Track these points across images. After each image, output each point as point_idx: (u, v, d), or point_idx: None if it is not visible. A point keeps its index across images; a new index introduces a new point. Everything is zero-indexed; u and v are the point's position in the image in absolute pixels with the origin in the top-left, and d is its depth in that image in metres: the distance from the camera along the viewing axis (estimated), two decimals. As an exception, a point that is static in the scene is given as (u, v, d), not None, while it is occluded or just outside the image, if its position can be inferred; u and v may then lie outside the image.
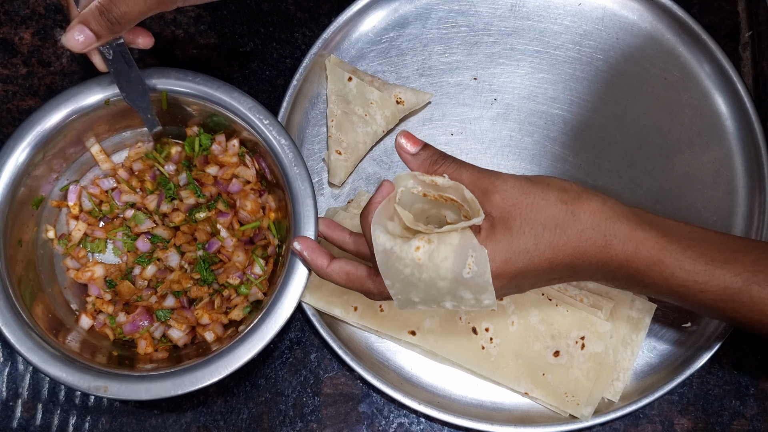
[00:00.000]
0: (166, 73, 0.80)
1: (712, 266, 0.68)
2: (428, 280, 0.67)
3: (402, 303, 0.70)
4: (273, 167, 0.81)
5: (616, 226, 0.68)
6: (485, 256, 0.66)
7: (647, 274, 0.69)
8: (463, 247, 0.66)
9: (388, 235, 0.67)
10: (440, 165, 0.69)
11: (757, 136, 0.88)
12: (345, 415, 0.84)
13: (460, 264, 0.66)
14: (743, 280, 0.68)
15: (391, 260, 0.67)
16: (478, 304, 0.69)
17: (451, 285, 0.67)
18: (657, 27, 0.92)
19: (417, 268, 0.66)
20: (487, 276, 0.66)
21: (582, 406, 0.82)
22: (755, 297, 0.68)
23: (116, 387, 0.74)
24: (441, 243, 0.66)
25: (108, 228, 0.84)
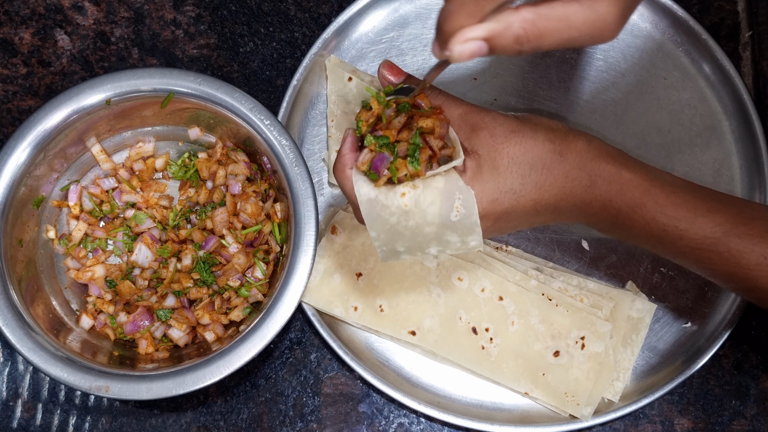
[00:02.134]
0: (167, 73, 0.80)
1: (693, 214, 0.68)
2: (414, 227, 0.66)
3: (386, 254, 0.69)
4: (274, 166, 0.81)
5: (601, 167, 0.68)
6: (472, 197, 0.65)
7: (629, 216, 0.69)
8: (449, 189, 0.65)
9: (371, 184, 0.66)
10: (430, 97, 0.68)
11: (757, 136, 0.88)
12: (345, 415, 0.84)
13: (448, 207, 0.65)
14: (723, 230, 0.68)
15: (376, 210, 0.66)
16: (464, 245, 0.68)
17: (438, 230, 0.66)
18: (657, 27, 0.92)
19: (404, 215, 0.65)
20: (474, 217, 0.65)
21: (582, 406, 0.82)
22: (733, 249, 0.68)
23: (117, 387, 0.74)
24: (426, 188, 0.65)
25: (108, 228, 0.84)
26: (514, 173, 0.67)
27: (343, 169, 0.67)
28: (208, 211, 0.83)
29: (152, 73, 0.80)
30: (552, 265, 0.86)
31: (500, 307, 0.84)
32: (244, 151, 0.85)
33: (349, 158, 0.67)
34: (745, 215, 0.69)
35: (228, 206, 0.82)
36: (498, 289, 0.84)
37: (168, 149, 0.87)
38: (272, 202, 0.83)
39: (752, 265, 0.68)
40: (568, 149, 0.68)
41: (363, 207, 0.66)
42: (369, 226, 0.66)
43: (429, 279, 0.84)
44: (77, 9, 0.92)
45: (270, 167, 0.82)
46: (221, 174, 0.84)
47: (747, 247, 0.68)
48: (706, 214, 0.69)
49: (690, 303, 0.86)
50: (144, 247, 0.82)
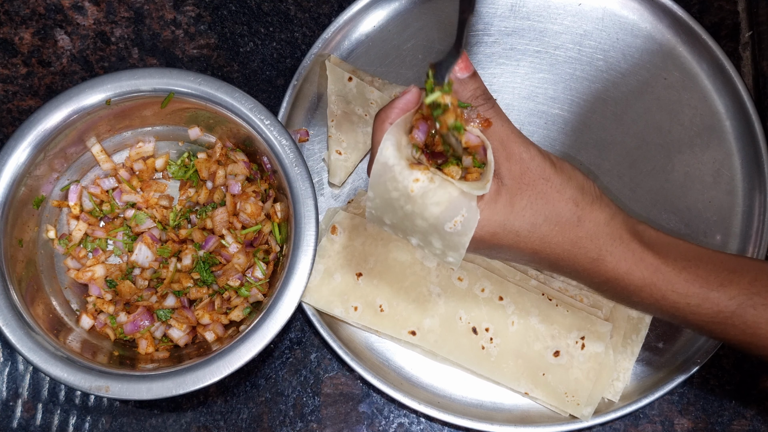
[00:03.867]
0: (167, 73, 0.80)
1: (706, 288, 0.67)
2: (410, 212, 0.65)
3: (372, 218, 0.68)
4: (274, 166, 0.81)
5: (614, 244, 0.67)
6: (475, 221, 0.64)
7: (636, 293, 0.68)
8: (459, 202, 0.64)
9: (397, 152, 0.64)
10: (484, 106, 0.65)
11: (757, 136, 0.88)
12: (345, 415, 0.84)
13: (448, 216, 0.64)
14: (737, 303, 0.67)
15: (385, 176, 0.64)
16: (443, 256, 0.67)
17: (428, 228, 0.65)
18: (657, 27, 0.92)
19: (406, 197, 0.64)
20: (466, 239, 0.64)
21: (582, 406, 0.82)
22: (749, 321, 0.67)
23: (118, 387, 0.74)
24: (441, 187, 0.63)
25: (108, 228, 0.84)
26: (527, 218, 0.65)
27: (384, 121, 0.65)
28: (208, 211, 0.83)
29: (152, 73, 0.80)
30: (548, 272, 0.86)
31: (500, 307, 0.84)
32: (243, 151, 0.85)
33: (395, 115, 0.65)
34: (760, 283, 0.67)
35: (228, 206, 0.82)
36: (498, 289, 0.84)
37: (168, 149, 0.87)
38: (272, 202, 0.83)
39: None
40: (588, 217, 0.66)
41: (376, 166, 0.64)
42: (371, 185, 0.65)
43: (429, 279, 0.84)
44: (77, 9, 0.92)
45: (270, 167, 0.82)
46: (221, 174, 0.84)
47: (763, 318, 0.67)
48: (719, 288, 0.67)
49: (690, 303, 0.86)
50: (144, 247, 0.82)
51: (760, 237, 0.87)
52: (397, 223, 0.67)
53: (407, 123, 0.65)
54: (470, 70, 0.65)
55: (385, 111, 0.66)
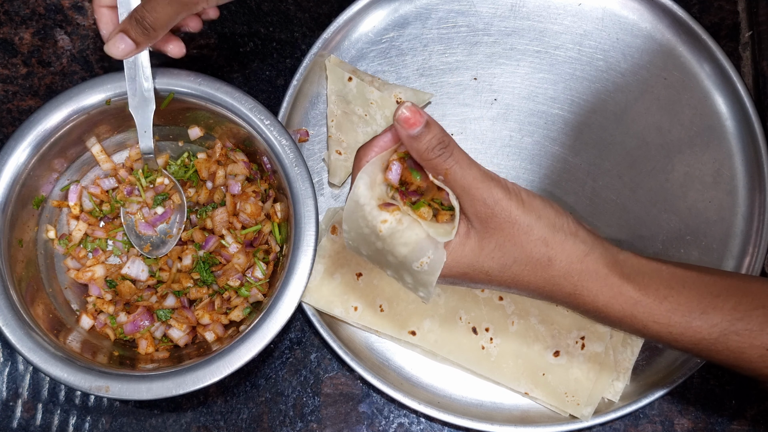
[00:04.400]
0: (167, 73, 0.80)
1: (688, 318, 0.67)
2: (381, 249, 0.67)
3: (351, 248, 0.71)
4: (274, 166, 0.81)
5: (590, 280, 0.67)
6: (441, 263, 0.66)
7: (617, 323, 0.69)
8: (425, 244, 0.66)
9: (369, 191, 0.66)
10: (441, 157, 0.64)
11: (757, 136, 0.88)
12: (345, 415, 0.84)
13: (415, 257, 0.66)
14: (720, 330, 0.67)
15: (356, 214, 0.67)
16: (414, 290, 0.69)
17: (398, 264, 0.67)
18: (657, 27, 0.92)
19: (375, 235, 0.66)
20: (433, 278, 0.66)
21: (582, 406, 0.82)
22: (732, 346, 0.67)
23: (118, 387, 0.74)
24: (408, 229, 0.66)
25: (108, 228, 0.84)
26: (496, 260, 0.66)
27: (361, 159, 0.67)
28: (208, 211, 0.83)
29: (152, 74, 0.80)
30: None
31: (500, 307, 0.84)
32: (243, 151, 0.85)
33: (374, 153, 0.67)
34: (744, 307, 0.67)
35: (228, 206, 0.82)
36: (498, 289, 0.84)
37: (168, 149, 0.87)
38: (272, 202, 0.83)
39: (754, 358, 0.67)
40: (559, 257, 0.67)
41: (349, 203, 0.67)
42: (345, 219, 0.68)
43: (429, 279, 0.84)
44: (77, 9, 0.92)
45: (270, 167, 0.82)
46: (221, 174, 0.84)
47: (746, 343, 0.67)
48: (701, 317, 0.67)
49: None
50: (138, 261, 0.82)
51: (760, 237, 0.87)
52: (372, 255, 0.70)
53: (384, 161, 0.67)
54: (420, 123, 0.63)
55: (364, 148, 0.67)
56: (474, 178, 0.65)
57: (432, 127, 0.64)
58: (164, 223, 0.84)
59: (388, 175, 0.67)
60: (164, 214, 0.83)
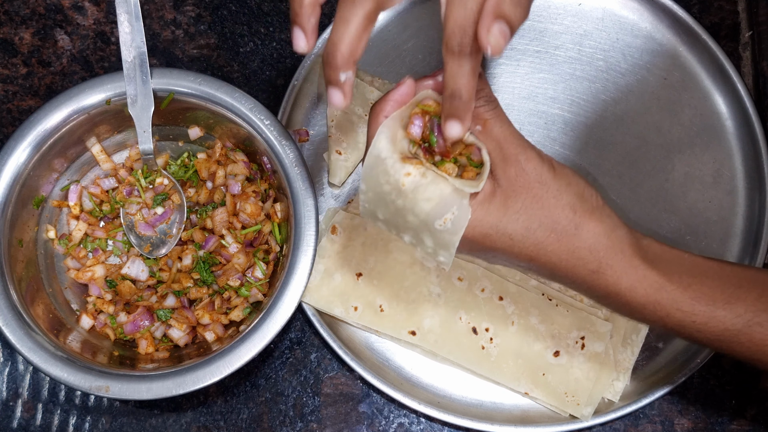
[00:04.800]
0: (167, 73, 0.80)
1: (712, 307, 0.65)
2: (401, 207, 0.63)
3: (366, 212, 0.67)
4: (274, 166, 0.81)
5: (616, 258, 0.64)
6: (466, 220, 0.62)
7: (639, 311, 0.66)
8: (450, 199, 0.62)
9: (390, 145, 0.63)
10: (484, 107, 0.63)
11: (757, 136, 0.88)
12: (345, 415, 0.84)
13: (438, 213, 0.62)
14: (744, 321, 0.65)
15: (377, 169, 0.63)
16: (434, 255, 0.65)
17: (419, 225, 0.64)
18: (657, 27, 0.92)
19: (397, 191, 0.63)
20: (456, 238, 0.63)
21: (582, 406, 0.82)
22: (756, 338, 0.65)
23: (118, 387, 0.74)
24: (432, 183, 0.62)
25: (108, 228, 0.84)
26: (521, 222, 0.63)
27: (378, 114, 0.64)
28: (208, 211, 0.83)
29: (152, 73, 0.80)
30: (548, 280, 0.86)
31: (500, 307, 0.84)
32: (243, 151, 0.85)
33: (390, 107, 0.64)
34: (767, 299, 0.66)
35: (228, 206, 0.82)
36: (498, 289, 0.84)
37: (168, 149, 0.87)
38: (272, 202, 0.83)
39: None
40: (587, 226, 0.64)
41: (368, 158, 0.63)
42: (363, 177, 0.64)
43: (429, 279, 0.84)
44: (77, 9, 0.92)
45: (270, 167, 0.82)
46: (220, 174, 0.84)
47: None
48: (725, 306, 0.65)
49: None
50: (138, 261, 0.82)
51: (760, 237, 0.87)
52: (389, 218, 0.66)
53: (403, 117, 0.64)
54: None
55: (380, 104, 0.64)
56: (511, 134, 0.64)
57: (484, 79, 0.63)
58: (164, 224, 0.84)
59: (410, 130, 0.64)
60: (164, 215, 0.83)
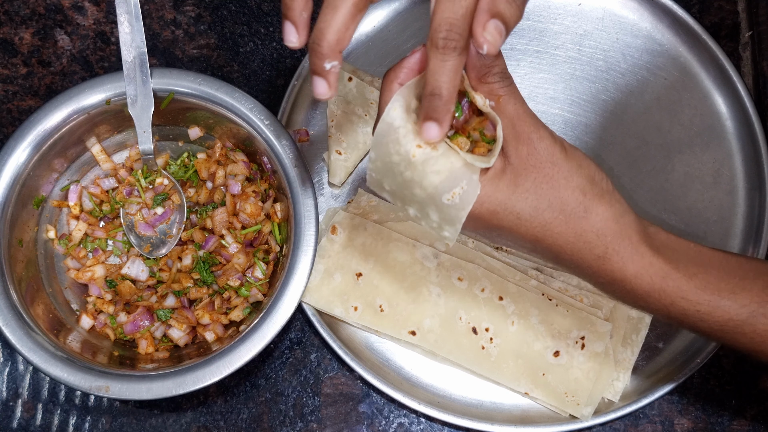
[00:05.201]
0: (167, 73, 0.80)
1: (717, 296, 0.65)
2: (409, 179, 0.63)
3: (373, 182, 0.66)
4: (274, 166, 0.81)
5: (623, 244, 0.64)
6: (475, 195, 0.61)
7: (643, 298, 0.66)
8: (460, 174, 0.61)
9: (404, 114, 0.62)
10: (499, 83, 0.62)
11: (757, 136, 0.88)
12: (345, 415, 0.84)
13: (447, 187, 0.61)
14: (749, 311, 0.65)
15: (388, 138, 0.62)
16: (439, 230, 0.64)
17: (425, 198, 0.63)
18: (657, 27, 0.92)
19: (406, 162, 0.62)
20: (463, 213, 0.62)
21: (582, 406, 0.82)
22: (760, 329, 0.65)
23: (118, 387, 0.74)
24: (443, 156, 0.61)
25: (108, 228, 0.84)
26: (530, 201, 0.63)
27: (392, 81, 0.63)
28: (208, 211, 0.83)
29: (152, 73, 0.80)
30: (552, 265, 0.86)
31: (500, 307, 0.84)
32: (243, 151, 0.85)
33: (405, 75, 0.63)
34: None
35: (228, 206, 0.82)
36: (498, 289, 0.84)
37: (168, 149, 0.87)
38: (272, 202, 0.83)
39: None
40: (596, 210, 0.63)
41: (380, 126, 0.62)
42: (373, 145, 0.63)
43: (429, 279, 0.84)
44: (77, 9, 0.92)
45: (270, 167, 0.82)
46: (221, 174, 0.84)
47: None
48: (730, 296, 0.65)
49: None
50: (138, 261, 0.82)
51: (760, 237, 0.87)
52: (395, 189, 0.65)
53: (418, 86, 0.63)
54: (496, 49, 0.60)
55: (394, 70, 0.63)
56: (525, 112, 0.63)
57: (501, 56, 0.62)
58: (164, 224, 0.84)
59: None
60: (164, 215, 0.83)
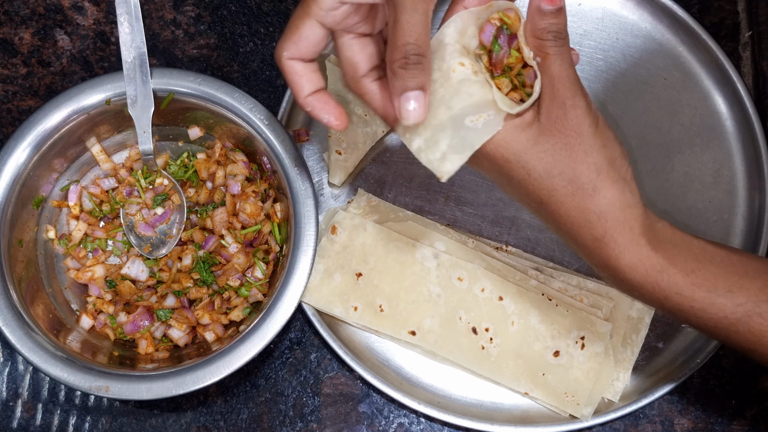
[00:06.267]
0: (167, 73, 0.80)
1: (713, 294, 0.65)
2: (439, 98, 0.63)
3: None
4: (274, 166, 0.81)
5: (623, 232, 0.63)
6: (496, 127, 0.62)
7: (637, 289, 0.66)
8: (489, 106, 0.62)
9: (457, 35, 0.63)
10: (551, 42, 0.62)
11: (757, 136, 0.88)
12: (345, 415, 0.84)
13: (474, 110, 0.62)
14: (744, 311, 0.64)
15: (435, 54, 0.63)
16: (440, 160, 0.63)
17: (446, 120, 0.63)
18: (657, 27, 0.92)
19: (444, 78, 0.62)
20: (479, 141, 0.62)
21: (582, 406, 0.82)
22: (754, 328, 0.65)
23: (117, 387, 0.74)
24: (480, 84, 0.62)
25: (108, 228, 0.84)
26: (543, 162, 0.63)
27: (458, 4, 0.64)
28: (208, 211, 0.83)
29: (152, 73, 0.80)
30: (552, 265, 0.86)
31: (500, 307, 0.84)
32: (243, 151, 0.85)
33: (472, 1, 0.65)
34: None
35: (227, 206, 0.82)
36: (498, 289, 0.84)
37: (168, 149, 0.87)
38: (272, 202, 0.83)
39: None
40: (603, 192, 0.63)
41: (432, 42, 0.63)
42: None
43: (429, 279, 0.84)
44: (77, 9, 0.92)
45: (270, 167, 0.82)
46: (220, 174, 0.84)
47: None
48: (726, 294, 0.65)
49: (690, 303, 0.86)
50: (138, 261, 0.82)
51: (760, 237, 0.87)
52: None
53: (480, 16, 0.64)
54: (556, 4, 0.61)
55: None
56: (567, 76, 0.62)
57: (561, 15, 0.62)
58: (164, 224, 0.84)
59: (482, 35, 0.64)
60: (164, 215, 0.83)
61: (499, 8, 0.64)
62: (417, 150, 0.65)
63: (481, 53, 0.65)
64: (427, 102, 0.63)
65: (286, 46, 0.67)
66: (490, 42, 0.64)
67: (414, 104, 0.62)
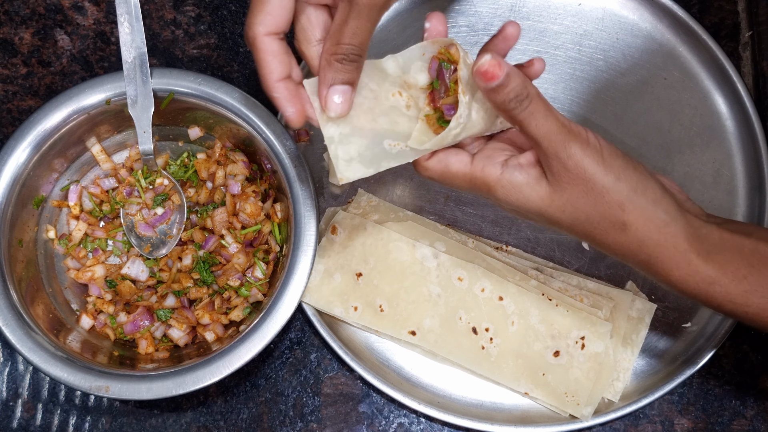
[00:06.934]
0: (167, 73, 0.80)
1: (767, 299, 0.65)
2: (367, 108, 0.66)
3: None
4: (274, 166, 0.81)
5: (667, 253, 0.64)
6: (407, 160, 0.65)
7: (690, 297, 0.66)
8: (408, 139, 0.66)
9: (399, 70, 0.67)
10: (516, 110, 0.61)
11: (757, 136, 0.89)
12: (345, 415, 0.84)
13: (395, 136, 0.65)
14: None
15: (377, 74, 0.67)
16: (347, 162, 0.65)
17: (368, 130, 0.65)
18: (657, 27, 0.92)
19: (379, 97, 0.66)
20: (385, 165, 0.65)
21: (582, 406, 0.82)
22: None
23: (118, 387, 0.74)
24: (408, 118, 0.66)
25: (108, 228, 0.84)
26: (567, 214, 0.64)
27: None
28: (208, 211, 0.83)
29: (152, 73, 0.80)
30: (552, 265, 0.86)
31: (500, 307, 0.84)
32: (243, 151, 0.85)
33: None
34: None
35: (227, 206, 0.82)
36: (498, 289, 0.84)
37: (168, 149, 0.87)
38: (272, 202, 0.83)
39: None
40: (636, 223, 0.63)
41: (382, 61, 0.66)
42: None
43: (429, 279, 0.84)
44: (77, 9, 0.92)
45: (270, 167, 0.82)
46: (220, 174, 0.84)
47: None
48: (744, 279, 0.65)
49: (690, 303, 0.86)
50: (138, 261, 0.82)
51: (760, 237, 0.87)
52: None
53: (424, 52, 0.66)
54: (497, 78, 0.60)
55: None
56: (548, 131, 0.62)
57: (511, 80, 0.61)
58: (164, 224, 0.84)
59: (429, 71, 0.66)
60: (164, 215, 0.83)
61: (443, 43, 0.66)
62: (329, 139, 0.66)
63: (426, 88, 0.67)
64: (352, 99, 0.64)
65: (259, 20, 0.64)
66: (433, 76, 0.66)
67: (339, 98, 0.64)
